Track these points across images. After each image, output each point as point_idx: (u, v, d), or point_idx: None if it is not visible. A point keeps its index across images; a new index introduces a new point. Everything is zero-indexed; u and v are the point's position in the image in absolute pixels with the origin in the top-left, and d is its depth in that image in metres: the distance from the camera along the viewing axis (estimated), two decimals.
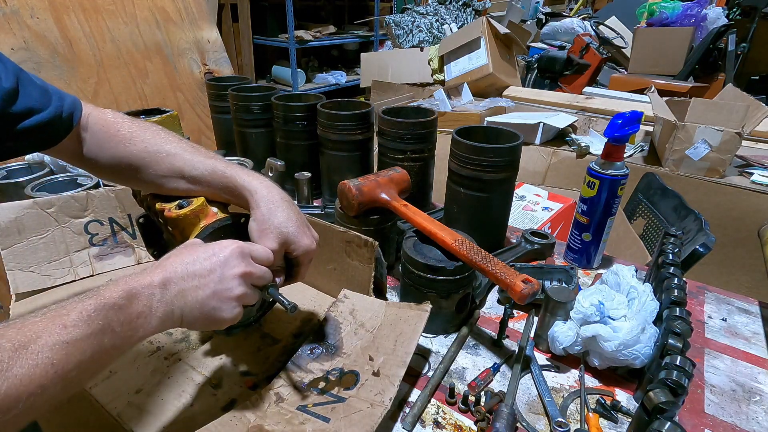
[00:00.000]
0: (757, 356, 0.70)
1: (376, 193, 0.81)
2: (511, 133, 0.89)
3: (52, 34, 1.78)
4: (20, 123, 0.52)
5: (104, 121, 0.60)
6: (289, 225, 0.56)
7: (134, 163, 0.59)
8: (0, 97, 0.50)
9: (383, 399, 0.54)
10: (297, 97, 1.20)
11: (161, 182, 0.60)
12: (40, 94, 0.54)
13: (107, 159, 0.60)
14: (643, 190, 1.45)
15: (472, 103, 2.29)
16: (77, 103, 0.59)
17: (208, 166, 0.59)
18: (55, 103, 0.55)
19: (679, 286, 0.63)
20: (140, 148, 0.59)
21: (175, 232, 0.59)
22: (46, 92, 0.55)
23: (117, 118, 0.61)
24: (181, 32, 2.21)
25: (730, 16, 3.48)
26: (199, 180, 0.59)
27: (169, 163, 0.59)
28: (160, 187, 0.60)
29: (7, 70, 0.51)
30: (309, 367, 0.63)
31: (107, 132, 0.59)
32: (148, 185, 0.61)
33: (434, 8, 3.05)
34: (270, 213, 0.56)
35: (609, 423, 0.58)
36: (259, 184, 0.57)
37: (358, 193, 0.79)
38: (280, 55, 4.02)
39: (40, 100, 0.54)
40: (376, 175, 0.84)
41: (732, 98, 1.74)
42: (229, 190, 0.59)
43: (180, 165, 0.59)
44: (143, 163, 0.59)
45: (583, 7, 4.77)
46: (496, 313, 0.79)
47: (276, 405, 0.57)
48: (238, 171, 0.59)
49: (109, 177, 0.63)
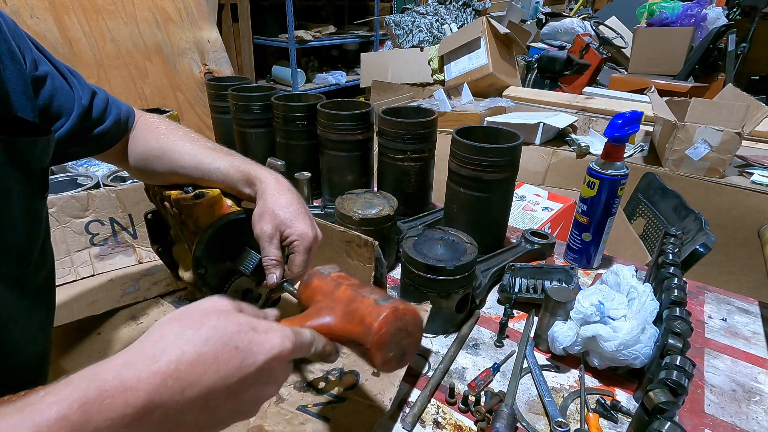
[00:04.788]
0: (757, 356, 0.70)
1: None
2: (511, 133, 0.89)
3: (52, 34, 1.78)
4: (92, 132, 0.59)
5: (148, 121, 0.67)
6: (288, 210, 0.57)
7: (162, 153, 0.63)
8: (79, 114, 0.55)
9: (383, 399, 0.54)
10: (297, 97, 1.20)
11: (184, 172, 0.63)
12: (104, 104, 0.60)
13: (142, 151, 0.64)
14: (643, 190, 1.45)
15: (472, 103, 2.29)
16: (131, 110, 0.66)
17: (228, 160, 0.63)
18: (115, 111, 0.62)
19: (679, 286, 0.63)
20: (171, 141, 0.64)
21: (188, 221, 0.60)
22: (107, 102, 0.61)
23: (158, 120, 0.68)
24: (181, 32, 2.21)
25: (730, 16, 3.48)
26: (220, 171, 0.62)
27: (194, 154, 0.63)
28: (182, 176, 0.63)
29: (83, 88, 0.57)
30: (309, 367, 0.63)
31: (148, 128, 0.66)
32: (170, 175, 0.64)
33: (434, 8, 3.05)
34: (273, 199, 0.58)
35: (609, 423, 0.58)
36: (269, 175, 0.61)
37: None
38: (280, 55, 4.02)
39: (103, 110, 0.60)
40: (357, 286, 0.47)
41: (732, 98, 1.74)
42: (246, 181, 0.62)
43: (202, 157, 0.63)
44: (172, 154, 0.63)
45: (583, 7, 4.77)
46: (496, 313, 0.79)
47: (276, 405, 0.57)
48: (253, 164, 0.63)
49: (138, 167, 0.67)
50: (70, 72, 0.57)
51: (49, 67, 0.53)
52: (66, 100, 0.54)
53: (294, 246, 0.57)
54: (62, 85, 0.54)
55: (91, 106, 0.58)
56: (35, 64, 0.50)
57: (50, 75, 0.52)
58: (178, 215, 0.61)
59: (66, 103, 0.54)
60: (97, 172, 1.12)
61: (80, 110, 0.56)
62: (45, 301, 0.58)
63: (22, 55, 0.48)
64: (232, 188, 0.62)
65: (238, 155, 0.65)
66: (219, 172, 0.62)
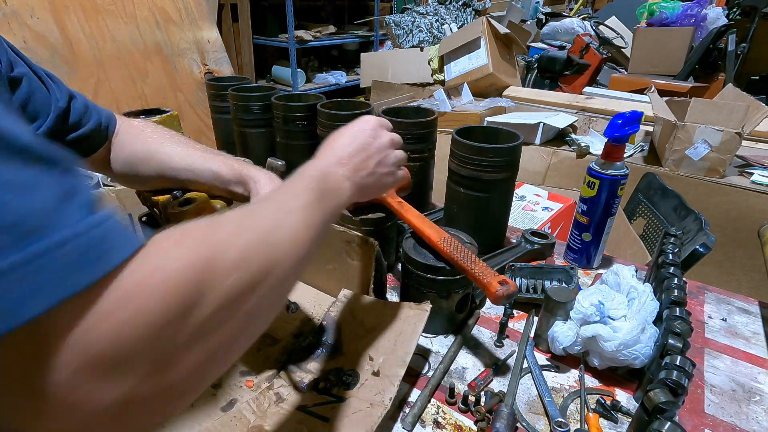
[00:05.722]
0: (757, 356, 0.70)
1: None
2: (511, 133, 0.89)
3: (52, 34, 1.78)
4: (68, 135, 0.58)
5: (131, 126, 0.67)
6: None
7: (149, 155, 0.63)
8: (57, 115, 0.55)
9: (383, 399, 0.54)
10: (297, 97, 1.20)
11: (174, 174, 0.62)
12: (83, 109, 0.60)
13: (127, 154, 0.64)
14: (643, 190, 1.45)
15: (472, 103, 2.29)
16: (112, 116, 0.66)
17: (219, 160, 0.64)
18: (95, 117, 0.61)
19: (679, 286, 0.63)
20: (158, 143, 0.64)
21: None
22: (87, 107, 0.61)
23: (142, 124, 0.68)
24: (181, 32, 2.21)
25: (730, 16, 3.48)
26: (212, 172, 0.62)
27: (183, 156, 0.63)
28: (171, 179, 0.63)
29: (61, 91, 0.57)
30: (309, 367, 0.63)
31: (131, 133, 0.66)
32: (158, 179, 0.64)
33: (434, 8, 3.05)
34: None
35: (609, 423, 0.58)
36: (263, 175, 0.62)
37: None
38: (280, 55, 4.02)
39: (82, 114, 0.60)
40: None
41: (732, 98, 1.74)
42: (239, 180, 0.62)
43: (192, 158, 0.63)
44: (160, 156, 0.63)
45: (583, 7, 4.77)
46: (496, 313, 0.79)
47: (276, 405, 0.57)
48: (244, 164, 0.64)
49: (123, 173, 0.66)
50: (48, 75, 0.57)
51: (26, 69, 0.52)
52: (42, 102, 0.54)
53: None
54: (39, 87, 0.54)
55: (68, 108, 0.57)
56: (10, 65, 0.50)
57: (26, 76, 0.52)
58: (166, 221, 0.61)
59: (42, 105, 0.54)
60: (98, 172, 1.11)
61: (57, 112, 0.55)
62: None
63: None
64: (224, 188, 0.62)
65: (229, 155, 0.65)
66: (211, 172, 0.62)
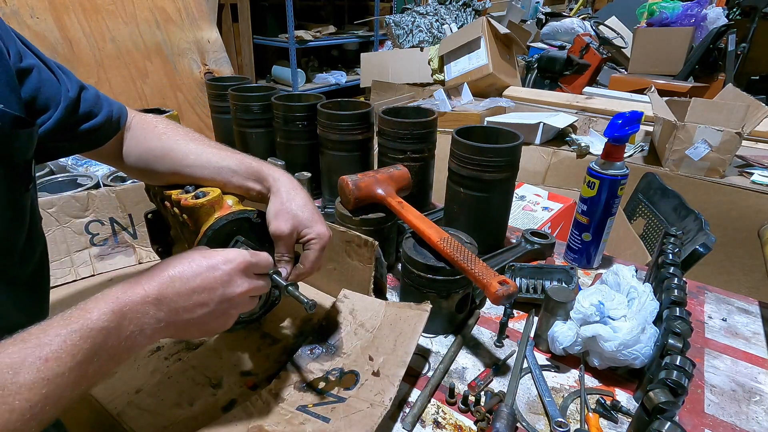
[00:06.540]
0: (757, 356, 0.70)
1: (372, 189, 0.82)
2: (511, 133, 0.89)
3: (52, 34, 1.78)
4: (80, 126, 0.58)
5: (145, 121, 0.66)
6: (305, 210, 0.59)
7: (164, 152, 0.63)
8: (67, 106, 0.55)
9: (383, 399, 0.54)
10: (297, 97, 1.20)
11: (189, 172, 0.62)
12: (94, 100, 0.60)
13: (142, 151, 0.64)
14: (643, 190, 1.46)
15: (472, 103, 2.29)
16: (123, 108, 0.65)
17: (236, 158, 0.64)
18: (106, 108, 0.61)
19: (679, 286, 0.63)
20: (173, 140, 0.64)
21: (189, 221, 0.60)
22: (98, 98, 0.61)
23: (156, 119, 0.67)
24: (181, 32, 2.21)
25: (730, 16, 3.48)
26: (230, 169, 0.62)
27: (199, 153, 0.63)
28: (187, 176, 0.63)
29: (71, 82, 0.57)
30: (309, 367, 0.63)
31: (145, 128, 0.65)
32: (172, 175, 0.64)
33: (434, 8, 3.05)
34: (289, 198, 0.59)
35: (609, 423, 0.58)
36: (282, 174, 0.62)
37: (355, 189, 0.81)
38: (280, 55, 4.02)
39: (93, 105, 0.59)
40: (375, 172, 0.85)
41: (732, 98, 1.74)
42: (256, 177, 0.62)
43: (208, 156, 0.63)
44: (175, 153, 0.63)
45: (583, 7, 4.77)
46: (496, 313, 0.79)
47: (276, 405, 0.57)
48: (261, 162, 0.64)
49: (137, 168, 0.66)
50: (59, 67, 0.57)
51: (35, 60, 0.52)
52: (53, 93, 0.53)
53: (311, 243, 0.59)
54: (49, 77, 0.54)
55: (78, 99, 0.57)
56: (20, 56, 0.50)
57: (36, 67, 0.52)
58: (179, 215, 0.61)
59: (53, 95, 0.53)
60: (97, 172, 1.12)
61: (67, 102, 0.55)
62: (37, 294, 0.58)
63: (6, 48, 0.48)
64: (239, 186, 0.62)
65: (244, 153, 0.65)
66: (229, 169, 0.62)
